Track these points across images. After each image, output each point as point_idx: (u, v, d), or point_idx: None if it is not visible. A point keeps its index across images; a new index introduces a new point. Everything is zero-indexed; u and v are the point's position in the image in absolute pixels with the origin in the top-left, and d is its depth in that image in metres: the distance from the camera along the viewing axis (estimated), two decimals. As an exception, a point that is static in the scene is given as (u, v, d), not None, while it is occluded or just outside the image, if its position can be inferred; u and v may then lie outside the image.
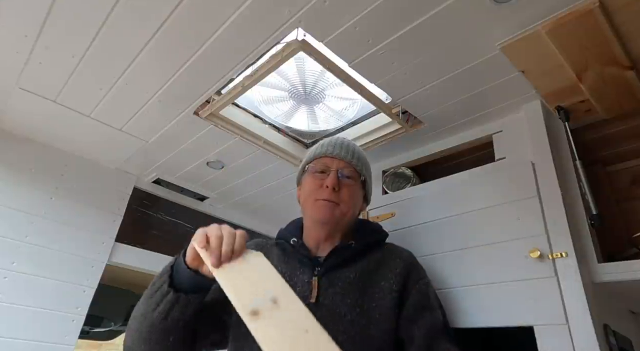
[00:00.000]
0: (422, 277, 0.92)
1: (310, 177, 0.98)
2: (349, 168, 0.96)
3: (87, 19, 0.99)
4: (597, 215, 0.98)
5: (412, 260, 0.95)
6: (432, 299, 0.88)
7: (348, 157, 0.97)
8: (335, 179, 0.93)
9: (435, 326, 0.83)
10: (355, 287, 0.85)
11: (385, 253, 0.94)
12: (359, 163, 0.99)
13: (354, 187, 0.96)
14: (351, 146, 1.02)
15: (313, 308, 0.79)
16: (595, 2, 0.82)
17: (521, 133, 1.18)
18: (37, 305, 1.42)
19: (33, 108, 1.35)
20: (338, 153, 0.97)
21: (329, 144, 1.00)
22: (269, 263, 0.62)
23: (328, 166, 0.96)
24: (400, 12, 0.92)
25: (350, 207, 0.95)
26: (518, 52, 0.99)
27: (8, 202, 1.44)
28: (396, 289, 0.85)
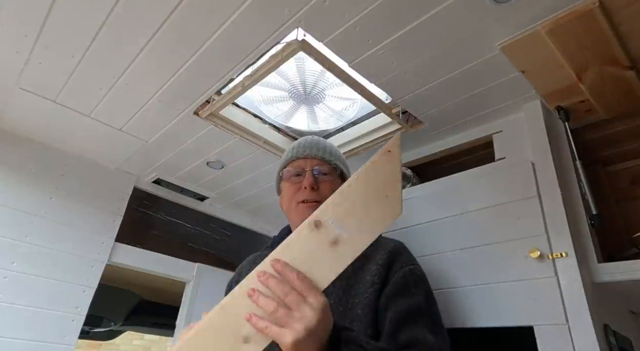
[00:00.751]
0: (406, 265, 0.85)
1: (287, 183, 0.97)
2: (323, 165, 0.96)
3: (87, 19, 0.99)
4: (597, 215, 0.98)
5: (399, 249, 0.89)
6: (411, 285, 0.81)
7: (320, 153, 0.97)
8: (311, 178, 0.92)
9: (405, 311, 0.75)
10: (339, 286, 0.83)
11: (372, 247, 0.91)
12: (332, 158, 0.98)
13: (333, 182, 0.95)
14: (321, 143, 1.01)
15: None
16: (595, 2, 0.82)
17: (521, 133, 1.18)
18: (37, 305, 1.42)
19: (33, 108, 1.35)
20: (309, 152, 0.97)
21: (298, 146, 1.00)
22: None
23: (302, 167, 0.95)
24: (400, 12, 0.92)
25: None
26: (518, 52, 0.99)
27: (8, 202, 1.44)
28: (378, 281, 0.81)
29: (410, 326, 0.72)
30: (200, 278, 1.87)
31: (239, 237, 2.18)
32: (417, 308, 0.76)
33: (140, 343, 5.87)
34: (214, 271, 1.95)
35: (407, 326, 0.72)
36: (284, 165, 1.00)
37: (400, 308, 0.75)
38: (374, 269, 0.84)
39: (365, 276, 0.84)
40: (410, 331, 0.71)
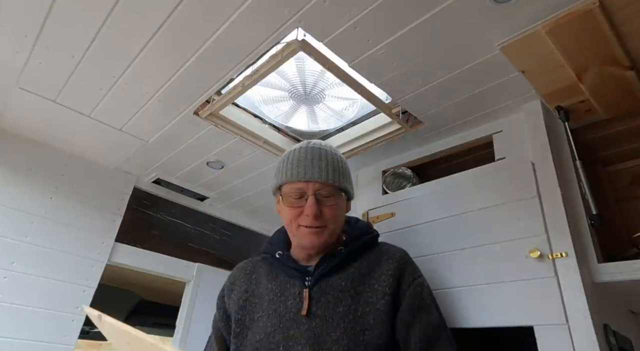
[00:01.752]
0: (416, 277, 0.89)
1: (287, 203, 0.91)
2: (326, 188, 0.88)
3: (87, 19, 0.99)
4: (597, 215, 0.98)
5: (406, 260, 0.91)
6: (427, 299, 0.87)
7: (323, 176, 0.88)
8: (314, 207, 0.86)
9: (431, 328, 0.81)
10: (347, 294, 0.83)
11: (378, 254, 0.92)
12: (336, 178, 0.90)
13: (337, 204, 0.90)
14: (322, 158, 0.91)
15: (304, 320, 0.81)
16: (595, 2, 0.82)
17: (521, 133, 1.18)
18: (37, 305, 1.42)
19: (33, 108, 1.35)
20: (311, 175, 0.88)
21: (298, 165, 0.90)
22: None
23: (304, 191, 0.88)
24: (400, 12, 0.92)
25: (337, 223, 0.92)
26: (518, 52, 0.99)
27: (8, 202, 1.44)
28: (389, 292, 0.83)
29: (436, 345, 0.80)
30: (200, 278, 1.88)
31: (239, 237, 2.18)
32: (437, 324, 0.83)
33: (140, 343, 5.86)
34: (214, 271, 1.95)
35: (433, 346, 0.79)
36: (282, 183, 0.92)
37: (424, 326, 0.81)
38: (383, 279, 0.85)
39: (374, 285, 0.84)
40: (442, 346, 0.80)
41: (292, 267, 0.90)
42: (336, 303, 0.82)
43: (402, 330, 0.81)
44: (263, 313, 0.87)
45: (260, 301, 0.90)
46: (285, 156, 0.96)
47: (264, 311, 0.87)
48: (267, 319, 0.85)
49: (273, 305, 0.87)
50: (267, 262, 0.97)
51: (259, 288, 0.93)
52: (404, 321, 0.81)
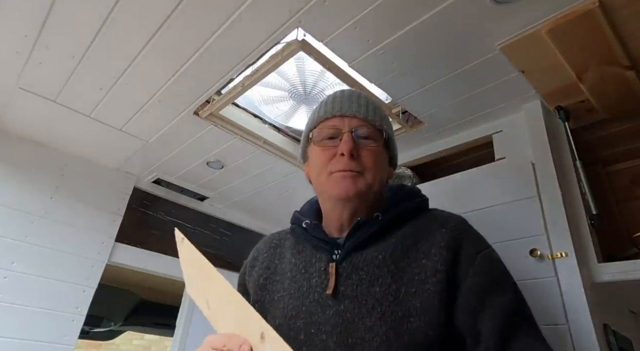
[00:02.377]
0: (481, 249, 0.68)
1: (317, 147, 0.76)
2: (365, 127, 0.75)
3: (87, 19, 0.99)
4: (597, 215, 0.98)
5: (464, 228, 0.71)
6: (497, 277, 0.66)
7: (362, 111, 0.75)
8: (351, 143, 0.72)
9: (507, 315, 0.61)
10: (386, 270, 0.66)
11: (427, 222, 0.73)
12: (377, 117, 0.76)
13: (376, 149, 0.75)
14: (363, 97, 0.79)
15: (331, 302, 0.66)
16: (595, 2, 0.82)
17: (521, 133, 1.18)
18: (37, 305, 1.42)
19: (33, 108, 1.35)
20: (348, 109, 0.75)
21: (334, 100, 0.78)
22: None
23: (338, 128, 0.74)
24: (400, 12, 0.92)
25: (377, 174, 0.73)
26: (518, 52, 0.99)
27: (8, 202, 1.44)
28: (443, 268, 0.64)
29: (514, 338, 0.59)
30: (200, 278, 1.87)
31: (239, 237, 2.18)
32: (514, 310, 0.62)
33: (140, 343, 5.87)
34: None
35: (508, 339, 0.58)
36: (314, 125, 0.78)
37: (497, 313, 0.60)
38: (434, 252, 0.66)
39: (421, 260, 0.66)
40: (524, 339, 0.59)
41: (319, 238, 0.74)
42: (371, 281, 0.65)
43: (467, 320, 0.61)
44: (284, 293, 0.72)
45: (281, 279, 0.75)
46: (321, 100, 0.83)
47: (285, 291, 0.73)
48: (288, 300, 0.71)
49: (295, 283, 0.72)
50: (295, 233, 0.82)
51: (282, 264, 0.78)
52: (467, 307, 0.62)
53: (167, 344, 5.51)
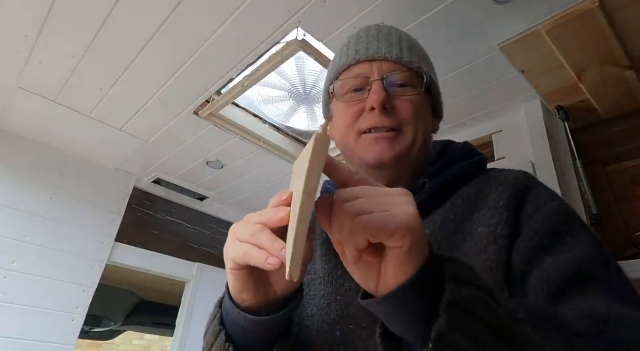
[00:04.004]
0: (547, 201, 0.50)
1: (341, 103, 0.61)
2: (400, 71, 0.59)
3: (87, 19, 0.99)
4: (597, 215, 0.98)
5: (527, 184, 0.53)
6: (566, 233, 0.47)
7: (394, 52, 0.59)
8: (382, 93, 0.56)
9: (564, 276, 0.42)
10: (440, 237, 0.52)
11: (483, 186, 0.56)
12: (414, 58, 0.60)
13: (416, 97, 0.59)
14: (394, 33, 0.63)
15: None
16: (595, 2, 0.82)
17: (521, 133, 1.18)
18: (37, 305, 1.42)
19: (33, 108, 1.35)
20: (376, 50, 0.60)
21: (357, 42, 0.62)
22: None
23: (366, 77, 0.59)
24: (400, 12, 0.92)
25: (418, 128, 0.58)
26: (518, 52, 0.99)
27: (8, 202, 1.44)
28: (504, 233, 0.48)
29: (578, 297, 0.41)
30: (200, 278, 1.88)
31: (239, 237, 2.18)
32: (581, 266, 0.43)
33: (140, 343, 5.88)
34: (214, 271, 1.95)
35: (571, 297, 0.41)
36: (336, 76, 0.63)
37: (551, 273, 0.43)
38: (491, 216, 0.51)
39: (477, 228, 0.51)
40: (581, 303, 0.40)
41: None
42: None
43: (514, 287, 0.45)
44: (315, 276, 0.59)
45: (312, 259, 0.60)
46: (343, 43, 0.67)
47: (317, 273, 0.59)
48: (319, 286, 0.57)
49: (327, 264, 0.58)
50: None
51: (314, 240, 0.64)
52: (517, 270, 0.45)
53: (167, 344, 5.51)
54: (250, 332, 0.40)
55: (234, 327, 0.41)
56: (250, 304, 0.39)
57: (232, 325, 0.41)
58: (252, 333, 0.40)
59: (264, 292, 0.39)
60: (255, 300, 0.39)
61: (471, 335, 0.28)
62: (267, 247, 0.34)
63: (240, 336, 0.41)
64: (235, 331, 0.41)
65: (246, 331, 0.40)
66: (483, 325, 0.29)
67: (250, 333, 0.40)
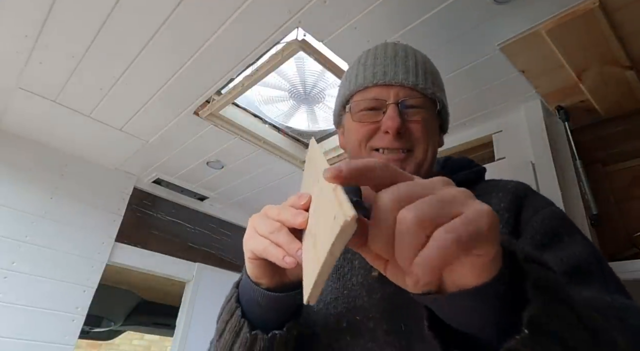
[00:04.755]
0: (543, 206, 0.56)
1: (356, 120, 0.63)
2: (415, 96, 0.62)
3: (87, 19, 0.99)
4: (597, 215, 0.98)
5: (525, 192, 0.59)
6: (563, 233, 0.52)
7: (411, 78, 0.62)
8: (397, 119, 0.58)
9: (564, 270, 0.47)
10: None
11: (483, 191, 0.61)
12: (428, 83, 0.63)
13: (427, 120, 0.62)
14: (410, 56, 0.66)
15: (377, 284, 0.56)
16: (595, 2, 0.82)
17: (521, 133, 1.18)
18: (37, 305, 1.42)
19: (33, 108, 1.35)
20: (394, 76, 0.62)
21: (374, 63, 0.64)
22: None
23: (382, 99, 0.61)
24: (400, 12, 0.92)
25: (427, 148, 0.62)
26: (518, 52, 0.99)
27: (8, 202, 1.44)
28: (505, 232, 0.53)
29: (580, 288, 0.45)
30: (200, 278, 1.88)
31: (239, 237, 2.18)
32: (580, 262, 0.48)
33: (140, 343, 5.88)
34: (214, 271, 1.95)
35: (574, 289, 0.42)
36: (352, 94, 0.65)
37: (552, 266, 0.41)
38: None
39: None
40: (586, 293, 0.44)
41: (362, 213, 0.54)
42: None
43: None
44: None
45: None
46: (357, 59, 0.69)
47: None
48: (328, 282, 0.61)
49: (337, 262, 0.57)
50: None
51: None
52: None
53: (167, 344, 5.51)
54: (266, 309, 0.43)
55: (251, 305, 0.44)
56: (267, 286, 0.42)
57: (248, 303, 0.45)
58: (267, 310, 0.44)
59: (280, 277, 0.42)
60: (271, 283, 0.42)
61: (560, 318, 0.28)
62: (285, 246, 0.36)
63: (256, 313, 0.44)
64: (251, 309, 0.44)
65: (262, 308, 0.43)
66: (568, 309, 0.29)
67: (266, 310, 0.44)
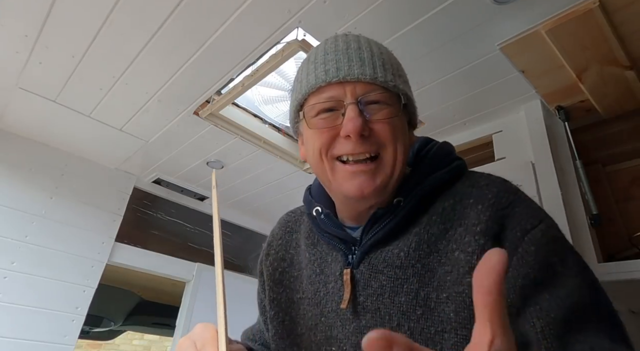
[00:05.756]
0: (532, 224, 0.47)
1: (312, 127, 0.55)
2: (376, 92, 0.53)
3: (87, 19, 0.99)
4: (597, 215, 0.98)
5: (508, 199, 0.50)
6: (556, 263, 0.45)
7: (368, 71, 0.53)
8: (358, 119, 0.51)
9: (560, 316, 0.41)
10: (412, 272, 0.50)
11: (460, 197, 0.53)
12: (389, 75, 0.55)
13: (393, 117, 0.54)
14: (365, 48, 0.57)
15: (350, 315, 0.52)
16: (595, 2, 0.82)
17: (521, 133, 1.18)
18: (37, 305, 1.42)
19: (33, 108, 1.35)
20: (348, 71, 0.53)
21: (325, 59, 0.55)
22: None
23: (339, 99, 0.53)
24: (400, 12, 0.92)
25: (397, 150, 0.54)
26: (518, 52, 0.99)
27: (8, 202, 1.44)
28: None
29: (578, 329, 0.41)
30: (200, 278, 1.88)
31: (239, 237, 2.18)
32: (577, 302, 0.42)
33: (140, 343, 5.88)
34: (214, 271, 1.95)
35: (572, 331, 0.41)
36: (304, 97, 0.57)
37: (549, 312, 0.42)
38: (467, 241, 0.48)
39: (454, 252, 0.49)
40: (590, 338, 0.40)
41: (331, 234, 0.57)
42: (394, 288, 0.50)
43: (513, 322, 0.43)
44: (302, 295, 0.59)
45: (299, 276, 0.61)
46: (306, 57, 0.61)
47: (304, 293, 0.59)
48: (307, 306, 0.58)
49: (312, 285, 0.58)
50: (309, 218, 0.64)
51: (298, 255, 0.64)
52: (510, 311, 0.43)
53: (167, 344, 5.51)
54: None
55: None
56: None
57: None
58: None
59: None
60: None
61: None
62: None
63: None
64: None
65: None
66: None
67: None
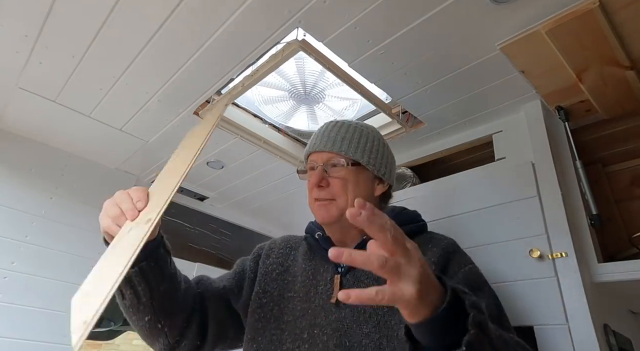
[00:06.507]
0: (466, 264, 0.77)
1: (306, 177, 0.89)
2: (335, 159, 0.84)
3: (87, 19, 0.99)
4: (597, 215, 0.98)
5: (453, 248, 0.81)
6: (476, 288, 0.72)
7: (329, 145, 0.84)
8: (317, 175, 0.82)
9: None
10: (383, 282, 0.64)
11: (422, 243, 0.80)
12: (351, 148, 0.84)
13: (345, 176, 0.82)
14: (340, 131, 0.87)
15: (333, 309, 0.75)
16: (595, 2, 0.82)
17: (521, 133, 1.18)
18: (37, 305, 1.42)
19: (33, 108, 1.35)
20: (319, 145, 0.85)
21: (316, 136, 0.89)
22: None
23: (316, 163, 0.85)
24: (400, 12, 0.92)
25: (348, 198, 0.81)
26: (518, 52, 0.99)
27: (8, 202, 1.44)
28: None
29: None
30: (200, 278, 1.87)
31: (239, 237, 2.18)
32: (491, 314, 0.63)
33: (140, 343, 5.88)
34: (214, 271, 1.95)
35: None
36: (305, 157, 0.91)
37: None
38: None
39: None
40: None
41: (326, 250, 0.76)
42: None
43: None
44: (294, 294, 0.83)
45: (293, 280, 0.86)
46: (319, 128, 0.94)
47: (296, 293, 0.83)
48: (297, 302, 0.81)
49: (304, 287, 0.83)
50: (307, 242, 0.92)
51: (294, 267, 0.89)
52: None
53: (167, 344, 5.50)
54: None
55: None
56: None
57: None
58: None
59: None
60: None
61: (485, 343, 0.47)
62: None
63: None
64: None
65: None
66: (489, 339, 0.49)
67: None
